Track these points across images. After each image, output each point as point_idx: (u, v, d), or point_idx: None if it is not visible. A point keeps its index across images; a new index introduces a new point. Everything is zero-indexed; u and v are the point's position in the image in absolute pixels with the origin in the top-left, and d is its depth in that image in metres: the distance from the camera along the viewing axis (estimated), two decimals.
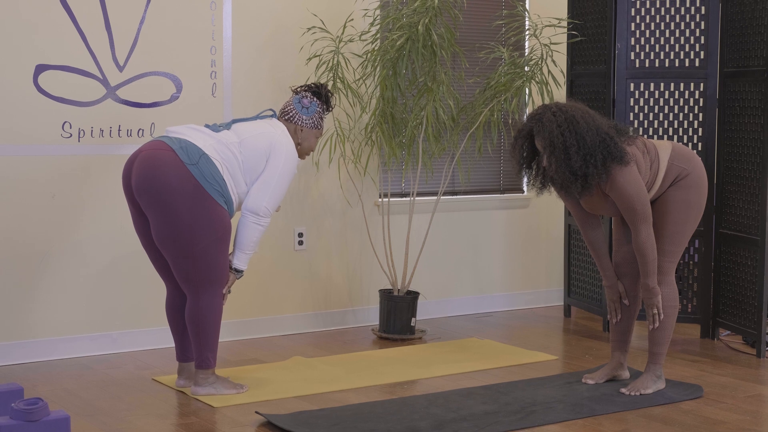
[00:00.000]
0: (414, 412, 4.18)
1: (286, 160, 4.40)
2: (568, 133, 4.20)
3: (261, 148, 4.36)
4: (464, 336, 5.76)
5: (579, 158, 4.19)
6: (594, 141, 4.21)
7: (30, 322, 5.05)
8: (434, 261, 6.24)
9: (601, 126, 4.28)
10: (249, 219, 4.36)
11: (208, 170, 4.22)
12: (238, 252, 4.40)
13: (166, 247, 4.26)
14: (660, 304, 4.45)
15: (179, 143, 4.25)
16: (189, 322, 4.35)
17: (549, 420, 4.11)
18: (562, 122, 4.22)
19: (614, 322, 4.62)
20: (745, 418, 4.17)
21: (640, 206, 4.31)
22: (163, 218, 4.20)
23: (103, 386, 4.60)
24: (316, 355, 5.24)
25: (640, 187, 4.31)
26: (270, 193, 4.36)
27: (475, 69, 6.09)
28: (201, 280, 4.28)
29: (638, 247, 4.38)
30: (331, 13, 5.72)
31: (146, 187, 4.20)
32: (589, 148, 4.20)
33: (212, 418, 4.13)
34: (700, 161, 4.53)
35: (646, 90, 5.60)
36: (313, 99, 4.59)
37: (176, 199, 4.17)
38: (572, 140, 4.20)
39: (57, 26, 5.02)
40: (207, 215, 4.21)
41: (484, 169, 6.48)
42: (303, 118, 4.55)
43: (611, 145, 4.24)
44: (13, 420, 3.51)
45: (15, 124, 4.96)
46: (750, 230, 5.30)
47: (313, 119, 4.57)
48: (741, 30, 5.36)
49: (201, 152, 4.24)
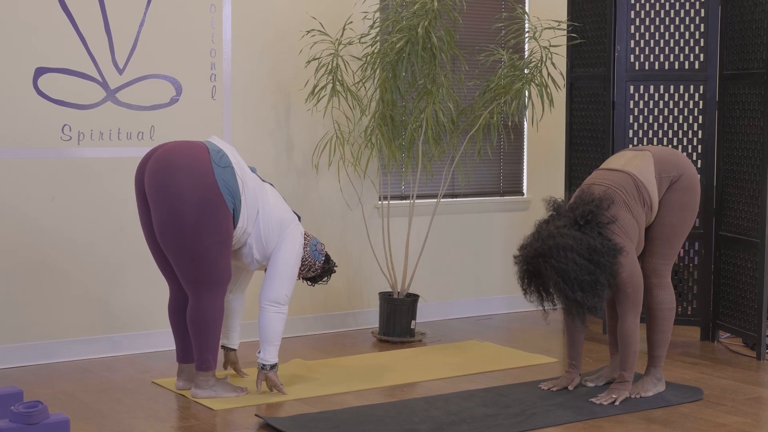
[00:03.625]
0: (414, 415, 4.18)
1: (299, 248, 4.45)
2: (572, 283, 4.08)
3: (279, 220, 4.42)
4: (464, 339, 5.75)
5: (591, 296, 4.11)
6: (592, 271, 4.10)
7: (29, 325, 5.04)
8: (434, 264, 6.24)
9: (590, 245, 4.10)
10: (271, 310, 4.39)
11: (231, 181, 4.25)
12: (266, 346, 4.40)
13: (168, 242, 4.24)
14: (623, 398, 4.37)
15: (216, 149, 4.31)
16: (190, 322, 4.35)
17: (549, 422, 4.11)
18: (560, 272, 4.06)
19: (548, 389, 4.57)
20: (745, 421, 4.17)
21: (631, 289, 4.28)
22: (170, 208, 4.19)
23: (103, 389, 4.60)
24: (316, 357, 5.24)
25: (634, 269, 4.27)
26: (287, 282, 4.42)
27: (474, 71, 6.09)
28: (203, 280, 4.28)
29: (623, 334, 4.33)
30: (330, 15, 5.72)
31: (165, 165, 4.22)
32: (591, 284, 4.10)
33: (212, 421, 4.13)
34: (686, 159, 4.50)
35: (646, 92, 5.60)
36: (324, 255, 4.62)
37: (188, 189, 4.18)
38: (577, 287, 4.09)
39: (57, 29, 5.02)
40: (214, 216, 4.21)
41: (484, 172, 6.48)
42: (307, 250, 4.56)
43: (608, 263, 4.12)
44: (13, 423, 3.50)
45: (15, 127, 4.96)
46: (750, 233, 5.30)
47: (308, 260, 4.56)
48: (741, 32, 5.36)
49: (231, 166, 4.29)
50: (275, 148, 5.65)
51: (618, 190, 4.32)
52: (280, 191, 5.67)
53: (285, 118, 5.70)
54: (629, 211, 4.30)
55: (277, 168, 5.67)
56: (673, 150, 4.57)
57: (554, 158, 6.52)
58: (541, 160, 6.65)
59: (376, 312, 5.90)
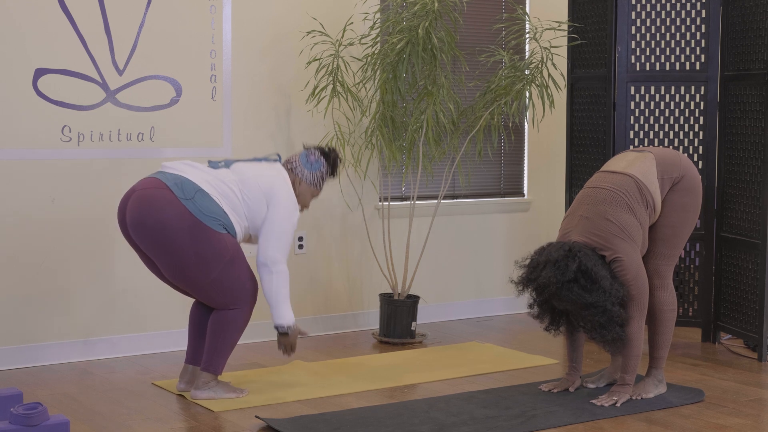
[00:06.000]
0: (414, 417, 4.17)
1: (287, 207, 4.35)
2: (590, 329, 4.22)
3: (262, 189, 4.32)
4: (465, 340, 5.75)
5: (611, 329, 4.21)
6: (603, 312, 4.18)
7: (29, 327, 5.04)
8: (435, 265, 6.23)
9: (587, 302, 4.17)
10: (263, 273, 4.34)
11: (206, 205, 4.19)
12: (272, 310, 4.36)
13: (182, 283, 4.28)
14: (624, 400, 4.38)
15: (174, 179, 4.23)
16: (213, 324, 4.34)
17: (550, 424, 4.10)
18: (576, 296, 4.15)
19: (549, 390, 4.58)
20: (746, 422, 4.16)
21: (636, 291, 4.26)
22: (168, 258, 4.19)
23: (103, 391, 4.59)
24: (316, 359, 5.23)
25: (639, 272, 4.27)
26: (275, 241, 4.32)
27: (475, 72, 6.09)
28: (227, 301, 4.30)
29: (627, 337, 4.32)
30: (330, 16, 5.72)
31: (142, 228, 4.18)
32: (607, 322, 4.19)
33: (212, 423, 4.12)
34: (687, 160, 4.50)
35: (647, 93, 5.59)
36: (320, 158, 4.55)
37: (175, 237, 4.15)
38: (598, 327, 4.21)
39: (56, 30, 5.01)
40: (210, 245, 4.19)
41: (485, 173, 6.47)
42: (305, 172, 4.52)
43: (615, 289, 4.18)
44: (13, 425, 3.50)
45: (14, 128, 4.95)
46: (751, 233, 5.29)
47: (314, 176, 4.53)
48: (742, 33, 5.35)
49: (197, 188, 4.21)
50: (275, 149, 5.64)
51: (620, 192, 4.31)
52: None
53: (285, 119, 5.70)
54: (632, 214, 4.29)
55: None
56: (675, 151, 4.56)
57: (555, 159, 6.51)
58: (541, 161, 6.64)
59: (376, 313, 5.89)
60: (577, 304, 4.16)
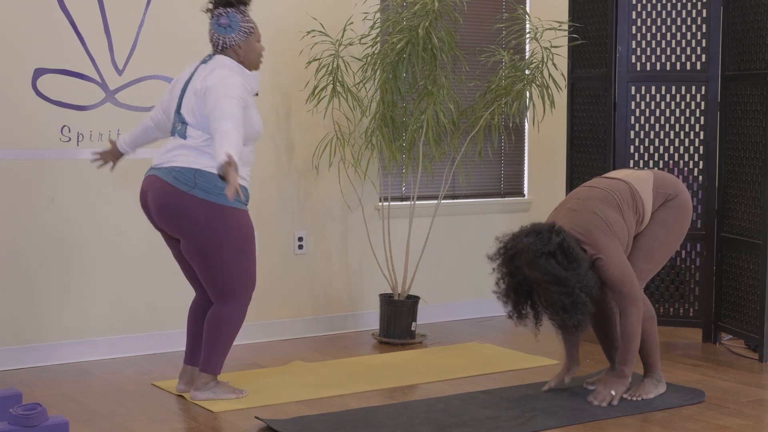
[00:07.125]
0: (414, 417, 4.17)
1: (224, 77, 4.17)
2: (554, 309, 4.15)
3: (209, 103, 4.14)
4: (465, 340, 5.74)
5: (574, 315, 4.14)
6: (570, 293, 4.12)
7: (28, 327, 5.03)
8: (435, 265, 6.22)
9: (558, 275, 4.11)
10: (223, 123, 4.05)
11: (210, 182, 4.20)
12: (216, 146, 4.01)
13: (196, 262, 4.31)
14: (621, 394, 4.38)
15: (171, 173, 4.22)
16: (208, 323, 4.35)
17: (550, 425, 4.10)
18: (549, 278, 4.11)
19: (548, 389, 4.58)
20: (747, 423, 4.16)
21: (627, 288, 4.24)
22: (189, 240, 4.26)
23: (102, 391, 4.59)
24: (316, 359, 5.23)
25: (624, 269, 4.24)
26: (223, 101, 4.09)
27: (475, 72, 6.08)
28: (229, 289, 4.31)
29: (625, 331, 4.30)
30: (330, 16, 5.71)
31: (166, 221, 4.27)
32: (572, 305, 4.12)
33: (212, 423, 4.11)
34: (685, 188, 4.52)
35: (648, 93, 5.58)
36: (227, 12, 4.32)
37: (193, 223, 4.21)
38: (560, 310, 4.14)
39: (56, 30, 5.01)
40: (226, 227, 4.22)
41: (485, 173, 6.46)
42: (231, 36, 4.33)
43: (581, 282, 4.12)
44: (12, 425, 3.49)
45: (14, 128, 4.95)
46: (752, 234, 5.28)
47: (242, 29, 4.33)
48: (742, 33, 5.35)
49: (193, 170, 4.21)
50: (275, 149, 5.64)
51: (612, 192, 4.34)
52: (280, 192, 5.68)
53: (285, 119, 5.69)
54: (620, 214, 4.30)
55: (277, 169, 5.66)
56: (675, 177, 4.60)
57: (555, 159, 6.51)
58: (542, 161, 6.64)
59: (376, 314, 5.89)
60: (549, 276, 4.08)
